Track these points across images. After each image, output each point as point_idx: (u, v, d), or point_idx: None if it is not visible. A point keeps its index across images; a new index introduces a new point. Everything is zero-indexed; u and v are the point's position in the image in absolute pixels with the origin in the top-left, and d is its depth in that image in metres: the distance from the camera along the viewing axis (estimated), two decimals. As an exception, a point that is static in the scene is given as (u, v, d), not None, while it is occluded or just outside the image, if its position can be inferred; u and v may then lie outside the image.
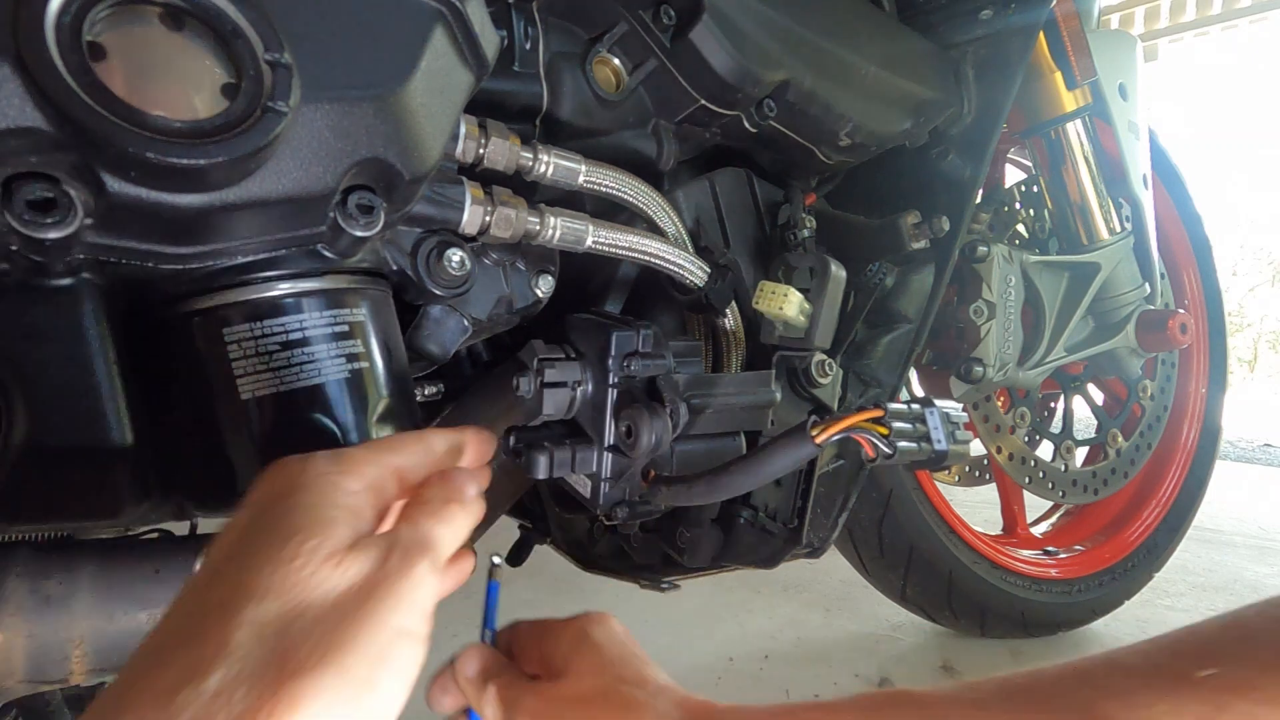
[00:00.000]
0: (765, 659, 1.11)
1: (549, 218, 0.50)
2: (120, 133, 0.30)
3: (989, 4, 0.79)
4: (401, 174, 0.38)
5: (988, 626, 1.14)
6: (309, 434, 0.38)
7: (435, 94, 0.40)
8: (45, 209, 0.30)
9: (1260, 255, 14.68)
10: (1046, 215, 1.08)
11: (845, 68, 0.66)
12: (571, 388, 0.48)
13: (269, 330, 0.38)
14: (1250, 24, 4.45)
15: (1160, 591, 1.41)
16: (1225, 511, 2.07)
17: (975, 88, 0.81)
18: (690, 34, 0.56)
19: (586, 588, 1.34)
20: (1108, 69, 0.99)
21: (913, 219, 0.69)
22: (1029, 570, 1.18)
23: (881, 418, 0.43)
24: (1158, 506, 1.33)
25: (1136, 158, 1.04)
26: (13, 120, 0.29)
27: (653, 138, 0.63)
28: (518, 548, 0.78)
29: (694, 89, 0.59)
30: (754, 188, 0.70)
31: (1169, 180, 1.29)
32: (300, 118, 0.35)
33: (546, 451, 0.48)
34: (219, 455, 0.38)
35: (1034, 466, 1.07)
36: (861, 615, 1.28)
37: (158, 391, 0.39)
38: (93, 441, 0.36)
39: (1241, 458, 3.53)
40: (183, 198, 0.33)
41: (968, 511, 1.17)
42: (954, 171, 0.77)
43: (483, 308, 0.51)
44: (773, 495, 0.68)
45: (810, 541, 0.70)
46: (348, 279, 0.41)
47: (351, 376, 0.40)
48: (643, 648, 0.41)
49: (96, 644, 0.43)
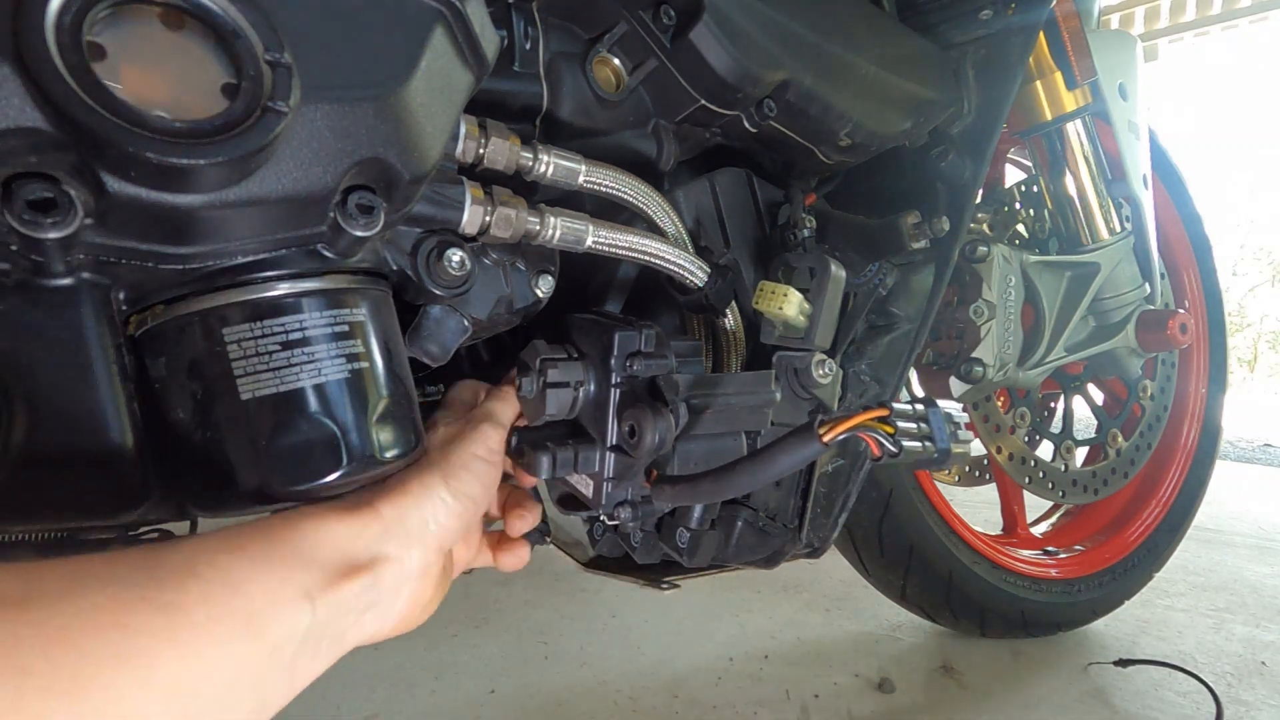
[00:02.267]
0: (765, 659, 1.11)
1: (549, 218, 0.50)
2: (120, 133, 0.30)
3: (989, 4, 0.79)
4: (401, 174, 0.38)
5: (988, 626, 1.14)
6: (309, 434, 0.38)
7: (435, 94, 0.40)
8: (45, 209, 0.30)
9: (1260, 255, 14.68)
10: (1046, 215, 1.08)
11: (845, 68, 0.66)
12: (574, 388, 0.48)
13: (269, 330, 0.38)
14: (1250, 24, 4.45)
15: (1160, 591, 1.41)
16: (1225, 511, 2.07)
17: (975, 88, 0.81)
18: (690, 34, 0.56)
19: (587, 587, 1.34)
20: (1108, 69, 1.00)
21: (913, 219, 0.69)
22: (1029, 570, 1.18)
23: (887, 416, 0.43)
24: (1158, 506, 1.33)
25: (1136, 158, 1.04)
26: (13, 120, 0.29)
27: (653, 138, 0.63)
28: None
29: (694, 89, 0.59)
30: (754, 188, 0.70)
31: (1169, 180, 1.30)
32: (300, 118, 0.34)
33: (549, 452, 0.48)
34: (219, 455, 0.38)
35: (1034, 466, 1.07)
36: (861, 615, 1.28)
37: (158, 391, 0.39)
38: (93, 441, 0.36)
39: (1241, 458, 3.53)
40: (183, 197, 0.33)
41: (968, 511, 1.17)
42: (954, 171, 0.77)
43: (483, 308, 0.51)
44: (773, 495, 0.68)
45: (810, 541, 0.70)
46: (348, 279, 0.41)
47: (351, 376, 0.40)
48: (643, 648, 0.41)
49: (96, 644, 0.43)
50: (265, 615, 0.31)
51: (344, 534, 0.36)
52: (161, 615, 0.27)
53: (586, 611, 1.25)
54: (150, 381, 0.39)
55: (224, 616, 0.29)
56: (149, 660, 0.26)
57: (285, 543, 0.34)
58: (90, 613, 0.26)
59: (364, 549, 0.37)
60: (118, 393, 0.37)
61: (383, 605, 0.38)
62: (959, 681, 1.08)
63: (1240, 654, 1.19)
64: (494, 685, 1.01)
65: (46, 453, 0.35)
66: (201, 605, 0.29)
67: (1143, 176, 1.05)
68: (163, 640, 0.27)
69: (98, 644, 0.25)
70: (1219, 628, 1.29)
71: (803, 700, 1.01)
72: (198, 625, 0.28)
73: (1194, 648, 1.21)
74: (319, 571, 0.34)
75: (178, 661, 0.27)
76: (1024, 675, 1.11)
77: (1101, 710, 1.02)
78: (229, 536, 0.32)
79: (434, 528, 0.41)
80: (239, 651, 0.29)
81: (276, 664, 0.31)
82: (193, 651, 0.28)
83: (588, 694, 1.00)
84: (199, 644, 0.28)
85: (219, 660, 0.29)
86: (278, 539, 0.34)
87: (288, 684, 0.33)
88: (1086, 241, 1.02)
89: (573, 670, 1.06)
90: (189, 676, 0.28)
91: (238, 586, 0.30)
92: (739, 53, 0.57)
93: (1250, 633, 1.27)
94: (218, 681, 0.29)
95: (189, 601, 0.28)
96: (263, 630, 0.30)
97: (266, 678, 0.31)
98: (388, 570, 0.38)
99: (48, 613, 0.25)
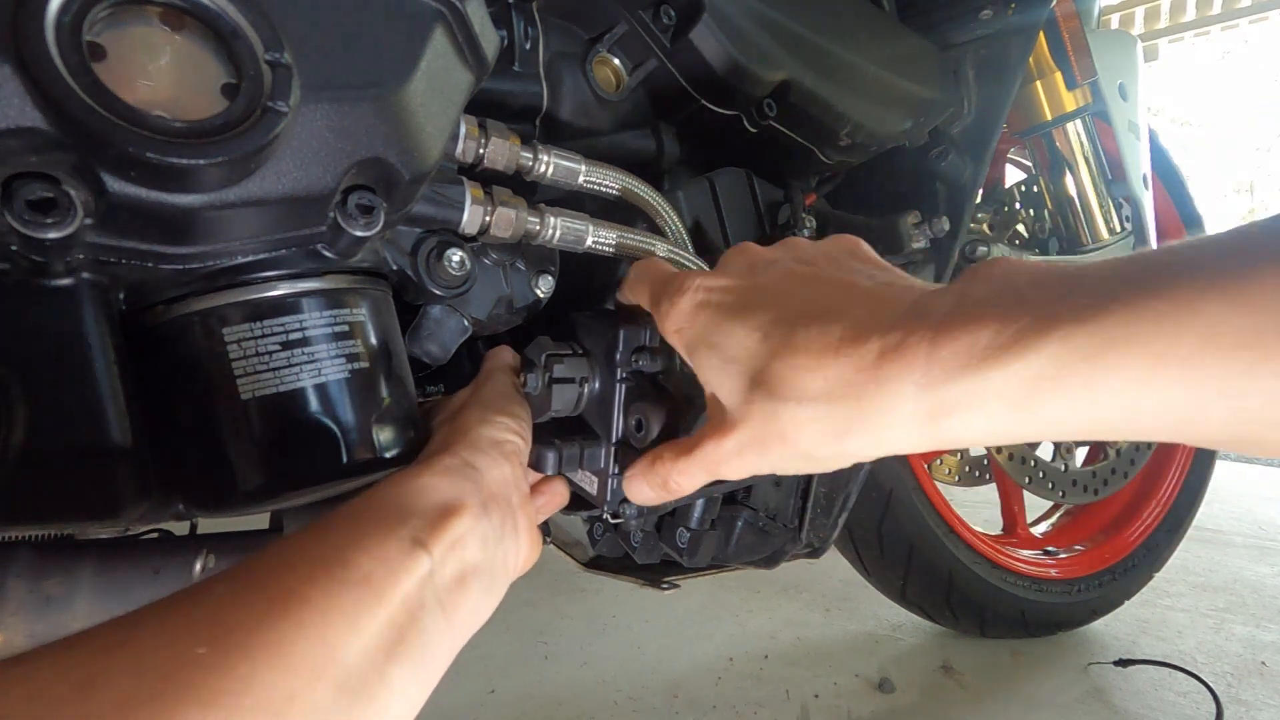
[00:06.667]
0: (765, 659, 1.11)
1: (549, 218, 0.50)
2: (120, 133, 0.30)
3: (989, 4, 0.79)
4: (401, 174, 0.38)
5: (988, 626, 1.15)
6: (309, 434, 0.38)
7: (435, 94, 0.40)
8: (45, 209, 0.30)
9: (1260, 255, 14.65)
10: (1046, 215, 1.08)
11: (845, 68, 0.66)
12: (579, 384, 0.48)
13: (269, 330, 0.38)
14: (1250, 24, 4.45)
15: (1160, 591, 1.41)
16: (1225, 511, 2.07)
17: (975, 88, 0.81)
18: (690, 34, 0.56)
19: (587, 587, 1.34)
20: (1108, 69, 1.00)
21: (913, 219, 0.69)
22: (1029, 570, 1.18)
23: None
24: (1158, 506, 1.33)
25: (1136, 158, 1.04)
26: (13, 120, 0.29)
27: (653, 138, 0.63)
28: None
29: (694, 89, 0.59)
30: (754, 188, 0.70)
31: (1169, 180, 1.30)
32: (300, 118, 0.34)
33: (555, 448, 0.48)
34: (219, 455, 0.38)
35: (1034, 466, 1.07)
36: (861, 615, 1.28)
37: (157, 391, 0.39)
38: (93, 442, 0.36)
39: (1241, 458, 3.53)
40: (183, 197, 0.33)
41: (968, 511, 1.17)
42: (954, 171, 0.77)
43: (483, 308, 0.51)
44: (773, 495, 0.68)
45: (810, 541, 0.70)
46: (348, 279, 0.41)
47: (351, 376, 0.40)
48: (643, 648, 0.41)
49: (96, 644, 0.43)
50: (379, 574, 0.30)
51: (429, 481, 0.36)
52: (266, 608, 0.27)
53: (586, 611, 1.25)
54: (150, 381, 0.39)
55: (339, 590, 0.28)
56: (286, 649, 0.26)
57: (374, 509, 0.33)
58: (184, 643, 0.25)
59: (455, 485, 0.36)
60: (118, 393, 0.37)
61: (506, 524, 0.38)
62: (959, 681, 1.08)
63: (1240, 654, 1.19)
64: (494, 685, 1.01)
65: (46, 453, 0.35)
66: (309, 585, 0.28)
67: (1143, 176, 1.05)
68: (286, 624, 0.26)
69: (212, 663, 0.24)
70: (1219, 628, 1.29)
71: (803, 700, 1.01)
72: (316, 606, 0.27)
73: (1194, 648, 1.21)
74: (419, 519, 0.33)
75: (314, 642, 0.27)
76: (1024, 675, 1.11)
77: (1101, 710, 1.02)
78: (313, 532, 0.32)
79: (502, 439, 0.41)
80: (367, 615, 0.28)
81: (420, 614, 0.31)
82: (317, 635, 0.27)
83: (588, 694, 1.00)
84: (324, 624, 0.27)
85: (350, 631, 0.28)
86: (364, 509, 0.33)
87: (447, 628, 0.32)
88: (1086, 241, 1.02)
89: (573, 670, 1.06)
90: (325, 654, 0.27)
91: (342, 559, 0.30)
92: (739, 53, 0.57)
93: (1250, 633, 1.27)
94: (361, 649, 0.28)
95: (294, 587, 0.28)
96: (382, 589, 0.30)
97: (412, 632, 0.30)
98: (488, 491, 0.38)
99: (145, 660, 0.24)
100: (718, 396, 0.37)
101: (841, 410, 0.31)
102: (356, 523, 0.32)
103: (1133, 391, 0.24)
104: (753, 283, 0.37)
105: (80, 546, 0.44)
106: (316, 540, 0.31)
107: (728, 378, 0.35)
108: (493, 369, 0.49)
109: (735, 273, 0.39)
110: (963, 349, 0.27)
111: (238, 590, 0.27)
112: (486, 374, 0.48)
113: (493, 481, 0.39)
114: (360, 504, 0.34)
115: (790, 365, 0.32)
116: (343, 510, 0.33)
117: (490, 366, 0.49)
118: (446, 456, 0.38)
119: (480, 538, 0.36)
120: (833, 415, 0.31)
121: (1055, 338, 0.25)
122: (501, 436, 0.41)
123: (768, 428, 0.33)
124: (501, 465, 0.40)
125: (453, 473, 0.37)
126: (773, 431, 0.33)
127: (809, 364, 0.31)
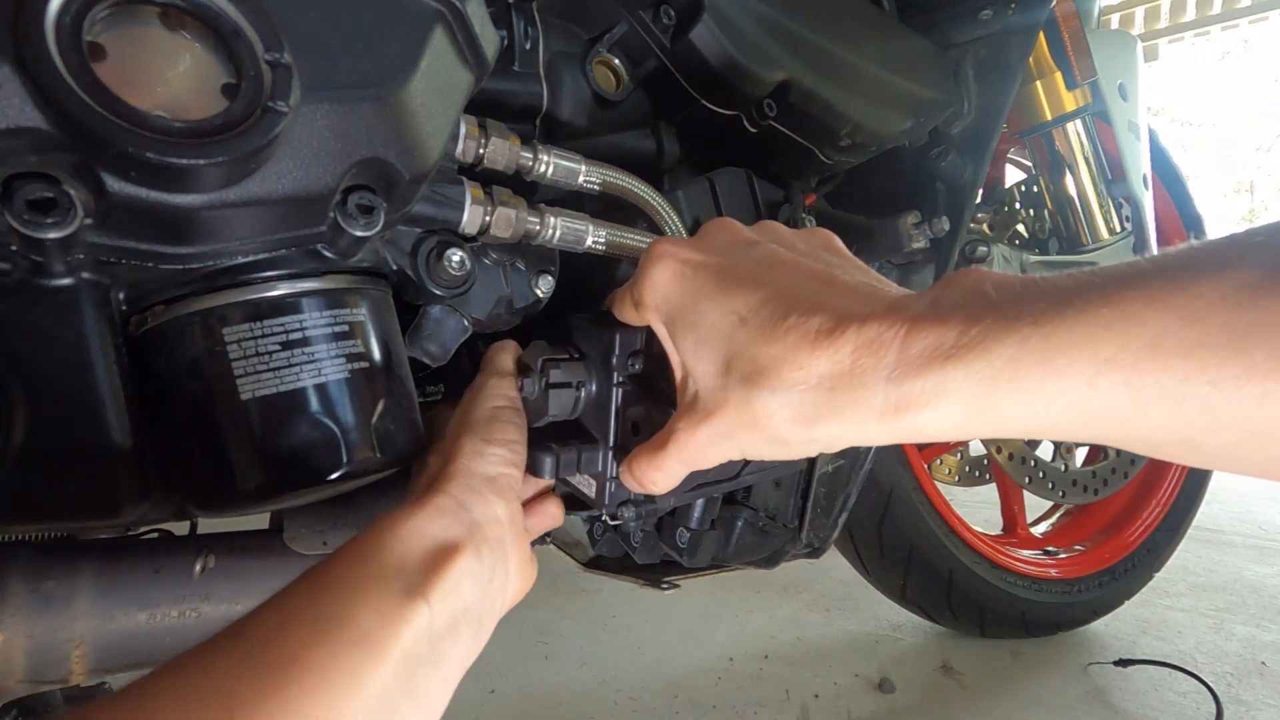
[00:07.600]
0: (765, 659, 1.11)
1: (549, 218, 0.50)
2: (120, 133, 0.30)
3: (989, 4, 0.79)
4: (401, 174, 0.38)
5: (987, 626, 1.15)
6: (309, 434, 0.38)
7: (435, 94, 0.40)
8: (45, 209, 0.30)
9: (1260, 255, 14.63)
10: (1046, 215, 1.08)
11: (845, 68, 0.66)
12: (576, 388, 0.48)
13: (269, 330, 0.38)
14: (1250, 24, 4.45)
15: (1160, 591, 1.41)
16: (1225, 511, 2.07)
17: (975, 88, 0.81)
18: (690, 34, 0.56)
19: (587, 587, 1.34)
20: (1108, 69, 1.00)
21: (913, 219, 0.69)
22: (1029, 570, 1.18)
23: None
24: (1158, 506, 1.33)
25: (1136, 158, 1.04)
26: (13, 120, 0.29)
27: (653, 138, 0.63)
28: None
29: (694, 89, 0.59)
30: (754, 188, 0.70)
31: (1169, 180, 1.30)
32: (300, 118, 0.34)
33: (553, 453, 0.47)
34: (219, 455, 0.38)
35: (1034, 466, 1.07)
36: (861, 615, 1.28)
37: (157, 391, 0.39)
38: (93, 441, 0.36)
39: (1241, 458, 3.52)
40: (183, 197, 0.33)
41: (968, 511, 1.17)
42: (954, 171, 0.77)
43: (483, 308, 0.51)
44: (773, 495, 0.68)
45: (810, 541, 0.70)
46: (348, 279, 0.41)
47: (352, 376, 0.40)
48: (643, 648, 0.41)
49: (96, 644, 0.43)
50: (378, 630, 0.30)
51: (423, 523, 0.36)
52: (271, 676, 0.27)
53: (586, 611, 1.25)
54: (150, 381, 0.39)
55: (340, 651, 0.29)
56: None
57: (369, 556, 0.33)
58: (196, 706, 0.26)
59: (448, 526, 0.36)
60: (118, 393, 0.37)
61: (497, 565, 0.38)
62: (959, 681, 1.08)
63: (1240, 654, 1.19)
64: (494, 685, 1.01)
65: (46, 453, 0.35)
66: (310, 649, 0.28)
67: (1143, 176, 1.05)
68: (291, 692, 0.27)
69: None
70: (1219, 628, 1.29)
71: (803, 700, 1.01)
72: (318, 670, 0.28)
73: (1194, 648, 1.21)
74: (413, 567, 0.33)
75: (320, 707, 0.27)
76: (1024, 675, 1.12)
77: (1101, 710, 1.02)
78: (308, 586, 0.32)
79: (495, 474, 0.41)
80: (368, 676, 0.29)
81: (417, 667, 0.31)
82: (322, 701, 0.27)
83: (588, 694, 1.00)
84: (327, 689, 0.28)
85: (355, 693, 0.28)
86: (359, 560, 0.33)
87: (441, 678, 0.33)
88: (1086, 241, 1.02)
89: (573, 670, 1.06)
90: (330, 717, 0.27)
91: (340, 617, 0.30)
92: (739, 53, 0.57)
93: (1250, 633, 1.27)
94: (365, 710, 0.28)
95: (295, 653, 0.28)
96: (383, 644, 0.30)
97: (411, 685, 0.31)
98: (480, 533, 0.38)
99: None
100: (691, 377, 0.37)
101: (813, 399, 0.32)
102: (352, 573, 0.32)
103: (1081, 392, 0.26)
104: (732, 261, 0.37)
105: (80, 546, 0.44)
106: (313, 598, 0.31)
107: (701, 360, 0.36)
108: (490, 375, 0.48)
109: (715, 248, 0.38)
110: (930, 346, 0.29)
111: (241, 661, 0.28)
112: (482, 383, 0.48)
113: (485, 521, 0.38)
114: (355, 549, 0.34)
115: (767, 354, 0.33)
116: (337, 558, 0.33)
117: (488, 371, 0.49)
118: (439, 496, 0.38)
119: (473, 580, 0.36)
120: (804, 403, 0.32)
121: (1013, 340, 0.27)
122: (495, 471, 0.41)
123: (740, 414, 0.34)
124: (494, 504, 0.40)
125: (445, 514, 0.37)
126: (745, 417, 0.34)
127: (786, 354, 0.32)
